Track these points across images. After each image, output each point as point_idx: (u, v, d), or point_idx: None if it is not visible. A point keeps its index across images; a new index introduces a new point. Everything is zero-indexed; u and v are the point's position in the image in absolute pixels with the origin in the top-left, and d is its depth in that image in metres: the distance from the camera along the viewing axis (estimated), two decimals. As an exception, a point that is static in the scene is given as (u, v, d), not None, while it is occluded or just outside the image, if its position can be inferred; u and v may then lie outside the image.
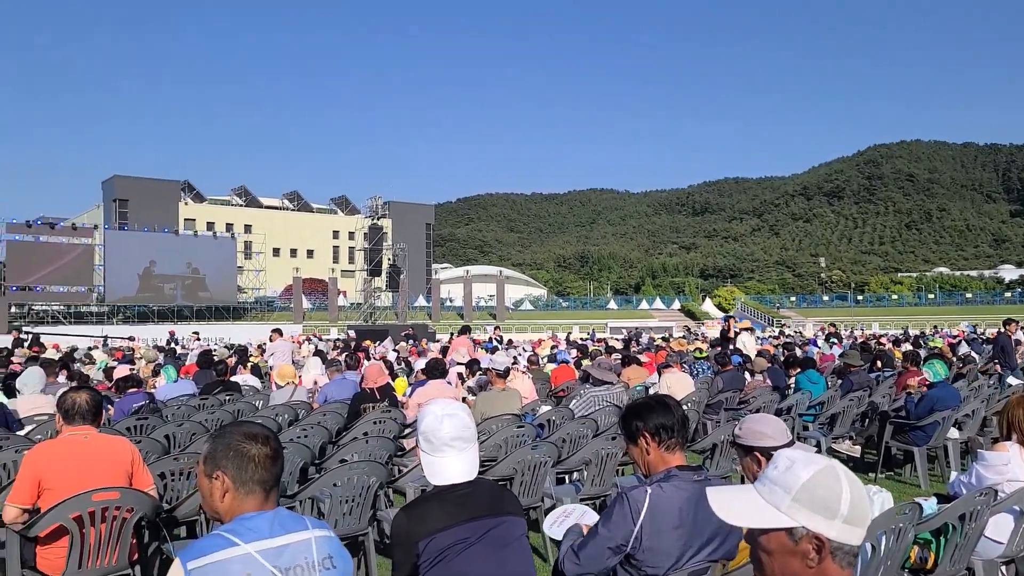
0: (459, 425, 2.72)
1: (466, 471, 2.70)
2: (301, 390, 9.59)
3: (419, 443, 2.76)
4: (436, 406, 2.79)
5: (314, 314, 57.82)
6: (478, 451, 2.80)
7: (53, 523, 3.94)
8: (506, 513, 2.72)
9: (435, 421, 2.72)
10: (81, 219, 62.94)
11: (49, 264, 46.81)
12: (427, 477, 2.71)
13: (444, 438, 2.69)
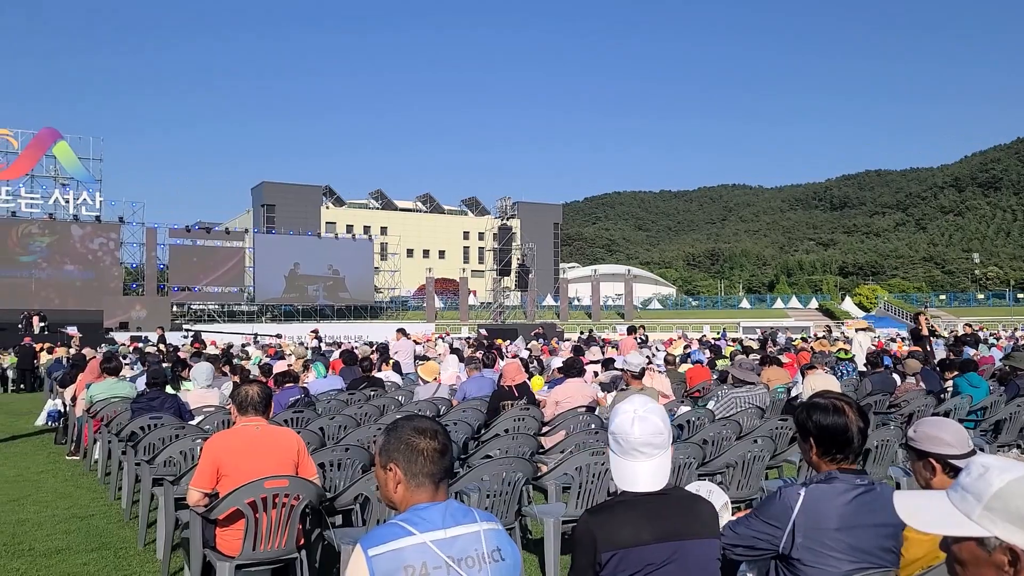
0: (651, 429, 2.54)
1: (655, 480, 2.52)
2: (443, 387, 9.87)
3: (609, 442, 2.62)
4: (630, 404, 2.61)
5: (446, 313, 59.23)
6: (670, 458, 2.59)
7: (231, 507, 4.25)
8: (703, 535, 2.53)
9: (627, 422, 2.56)
10: (233, 224, 67.12)
11: (205, 266, 50.22)
12: (614, 479, 2.58)
13: (634, 442, 2.53)
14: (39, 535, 6.44)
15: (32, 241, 44.51)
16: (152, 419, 7.42)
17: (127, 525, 6.76)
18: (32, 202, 45.05)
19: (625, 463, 2.55)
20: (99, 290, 44.79)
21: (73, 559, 5.78)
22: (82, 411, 9.80)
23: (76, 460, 9.92)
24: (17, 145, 44.28)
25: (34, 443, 11.63)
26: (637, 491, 2.51)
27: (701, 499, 2.63)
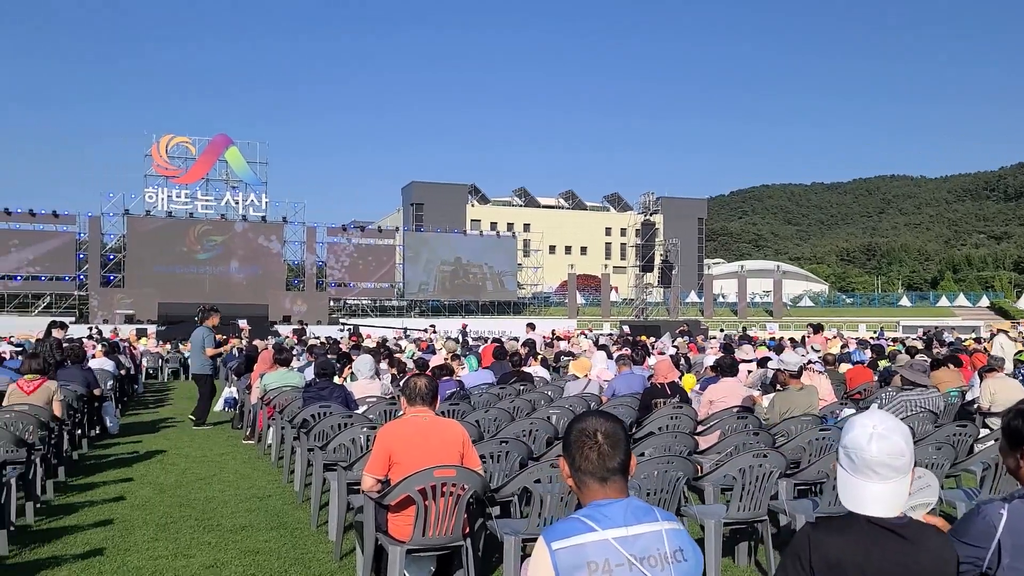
0: (891, 449, 2.32)
1: (888, 506, 2.31)
2: (593, 383, 9.90)
3: (839, 455, 2.43)
4: (869, 419, 2.39)
5: (587, 309, 59.21)
6: (909, 484, 2.36)
7: (403, 494, 4.46)
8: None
9: (863, 437, 2.35)
10: (385, 222, 70.05)
11: (359, 263, 52.67)
12: (840, 495, 2.40)
13: (869, 460, 2.31)
14: (225, 512, 6.99)
15: (207, 240, 48.23)
16: (322, 407, 7.87)
17: (300, 507, 7.22)
18: (206, 204, 48.78)
19: (855, 482, 2.35)
20: (264, 285, 47.92)
21: (256, 536, 6.24)
22: (256, 399, 10.54)
23: (251, 444, 10.68)
24: (195, 151, 48.07)
25: (214, 427, 12.61)
26: (866, 514, 2.31)
27: (940, 538, 2.38)
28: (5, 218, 45.71)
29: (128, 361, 16.88)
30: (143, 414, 14.24)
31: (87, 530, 6.33)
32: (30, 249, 45.81)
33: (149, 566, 5.44)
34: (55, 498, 7.44)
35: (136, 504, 7.25)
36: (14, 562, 5.53)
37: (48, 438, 7.45)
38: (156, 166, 47.48)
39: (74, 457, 9.16)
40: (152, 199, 47.37)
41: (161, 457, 9.72)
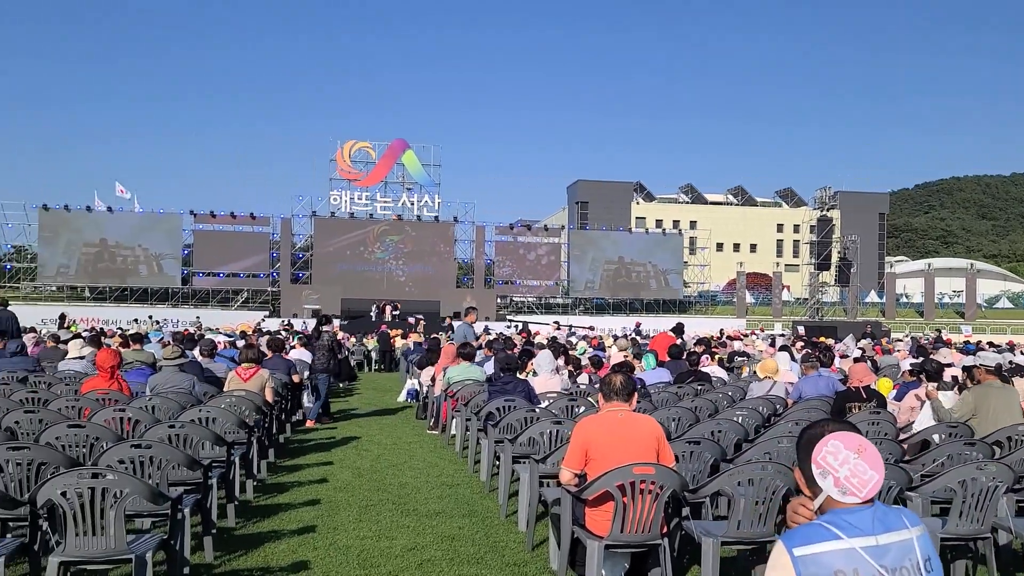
0: None
1: None
2: (779, 385, 9.54)
3: None
4: None
5: (757, 309, 57.04)
6: None
7: (601, 489, 4.50)
8: None
9: None
10: (551, 220, 70.83)
11: (525, 261, 53.60)
12: None
13: None
14: (419, 498, 7.33)
15: (385, 239, 50.86)
16: (506, 401, 8.08)
17: (488, 496, 7.45)
18: (384, 205, 51.41)
19: None
20: (437, 283, 49.82)
21: (450, 522, 6.50)
22: (440, 391, 10.97)
23: (435, 434, 11.12)
24: (374, 156, 50.83)
25: (399, 416, 13.25)
26: None
27: None
28: (211, 220, 50.34)
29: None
30: (335, 403, 15.16)
31: (298, 508, 6.84)
32: (231, 249, 50.20)
33: (356, 545, 5.80)
34: (268, 477, 8.09)
35: (338, 486, 7.75)
36: (241, 533, 6.08)
37: (262, 422, 8.11)
38: (340, 170, 50.58)
39: (281, 440, 9.91)
40: (336, 201, 50.54)
41: (356, 443, 10.33)
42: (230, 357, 10.82)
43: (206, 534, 5.44)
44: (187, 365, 9.13)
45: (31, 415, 6.41)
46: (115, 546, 4.11)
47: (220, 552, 5.49)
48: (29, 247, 51.02)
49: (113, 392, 7.46)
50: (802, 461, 2.38)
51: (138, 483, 4.26)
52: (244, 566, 5.34)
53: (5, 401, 7.34)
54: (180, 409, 7.08)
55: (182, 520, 4.76)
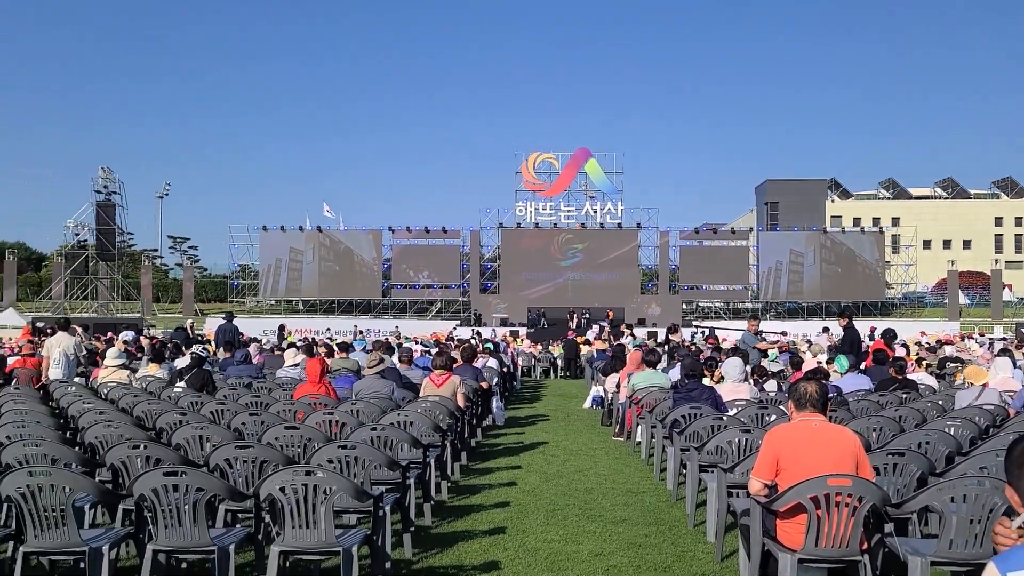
0: None
1: None
2: (990, 392, 8.70)
3: None
4: None
5: (972, 310, 52.13)
6: None
7: (792, 500, 4.33)
8: None
9: None
10: (738, 223, 68.59)
11: (711, 265, 52.25)
12: None
13: None
14: (604, 504, 7.38)
15: (569, 248, 51.52)
16: (692, 408, 7.95)
17: (675, 505, 7.36)
18: (568, 214, 52.11)
19: None
20: (621, 290, 49.71)
21: (635, 530, 6.50)
22: (625, 397, 10.97)
23: (620, 441, 11.12)
24: (558, 166, 51.73)
25: (584, 422, 13.36)
26: None
27: None
28: (407, 235, 53.41)
29: (508, 360, 18.58)
30: (523, 408, 15.56)
31: (489, 510, 7.10)
32: (426, 261, 52.98)
33: (544, 548, 5.94)
34: (461, 479, 8.46)
35: (526, 490, 7.96)
36: (437, 532, 6.41)
37: (455, 426, 8.50)
38: (525, 182, 51.89)
39: (472, 444, 10.31)
40: (522, 212, 51.87)
41: (543, 448, 10.55)
42: (424, 366, 11.41)
43: (405, 531, 5.79)
44: (387, 372, 9.75)
45: (255, 417, 7.10)
46: (325, 539, 4.48)
47: (418, 549, 5.82)
48: (252, 265, 56.47)
49: (322, 397, 8.12)
50: (1015, 478, 2.21)
51: (345, 481, 4.63)
52: (440, 563, 5.63)
53: (234, 404, 8.19)
54: (381, 413, 7.57)
55: (383, 517, 5.10)
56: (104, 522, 5.74)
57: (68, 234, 54.31)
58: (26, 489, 4.25)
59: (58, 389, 10.20)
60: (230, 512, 5.37)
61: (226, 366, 13.27)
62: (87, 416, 7.15)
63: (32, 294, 60.25)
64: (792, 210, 62.80)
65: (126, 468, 5.31)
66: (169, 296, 67.53)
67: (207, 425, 6.62)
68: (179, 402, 8.58)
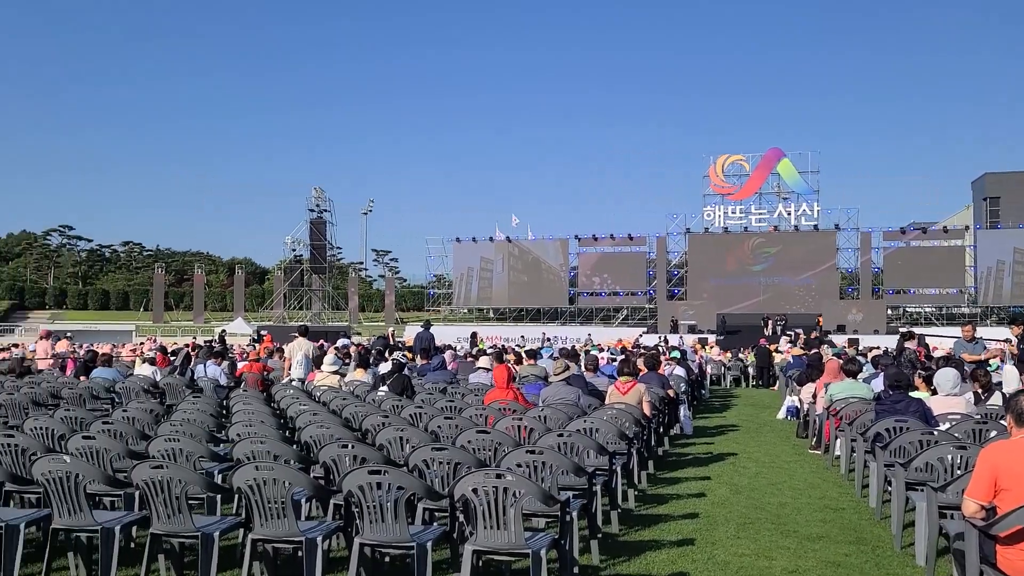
0: None
1: None
2: None
3: None
4: None
5: None
6: None
7: (1015, 525, 3.96)
8: None
9: None
10: (951, 221, 62.90)
11: (920, 267, 48.28)
12: None
13: None
14: (799, 520, 7.07)
15: (760, 252, 49.64)
16: (897, 422, 7.43)
17: (879, 524, 6.91)
18: (759, 217, 50.27)
19: None
20: (818, 294, 47.18)
21: (834, 548, 6.17)
22: (823, 409, 10.42)
23: (818, 454, 10.57)
24: (748, 168, 50.05)
25: (778, 434, 12.82)
26: None
27: None
28: (593, 243, 53.80)
29: (696, 368, 18.20)
30: (712, 418, 15.18)
31: (677, 520, 7.02)
32: (612, 269, 53.07)
33: (735, 563, 5.79)
34: (648, 488, 8.42)
35: (716, 501, 7.78)
36: (624, 540, 6.43)
37: (641, 434, 8.47)
38: (713, 185, 50.66)
39: (659, 453, 10.22)
40: (710, 216, 50.69)
41: (732, 459, 10.25)
42: (610, 374, 11.45)
43: (592, 538, 5.86)
44: (573, 379, 9.89)
45: (449, 421, 7.47)
46: (515, 540, 4.64)
47: (605, 556, 5.87)
48: (446, 275, 59.16)
49: (511, 402, 8.39)
50: None
51: (533, 485, 4.78)
52: (627, 572, 5.65)
53: (430, 408, 8.65)
54: (567, 419, 7.70)
55: (571, 523, 5.21)
56: (317, 515, 6.26)
57: (286, 250, 59.62)
58: (253, 482, 4.75)
59: (278, 391, 11.24)
60: (428, 511, 5.68)
61: (424, 372, 14.02)
62: (303, 417, 7.83)
63: (256, 305, 66.57)
64: (1016, 205, 56.75)
65: (336, 466, 5.77)
66: (373, 305, 72.18)
67: (407, 427, 7.05)
68: (382, 405, 9.17)
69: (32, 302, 73.47)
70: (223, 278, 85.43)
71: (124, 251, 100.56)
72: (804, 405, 12.49)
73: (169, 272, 75.41)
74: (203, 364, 13.99)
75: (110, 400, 11.56)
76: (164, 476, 4.81)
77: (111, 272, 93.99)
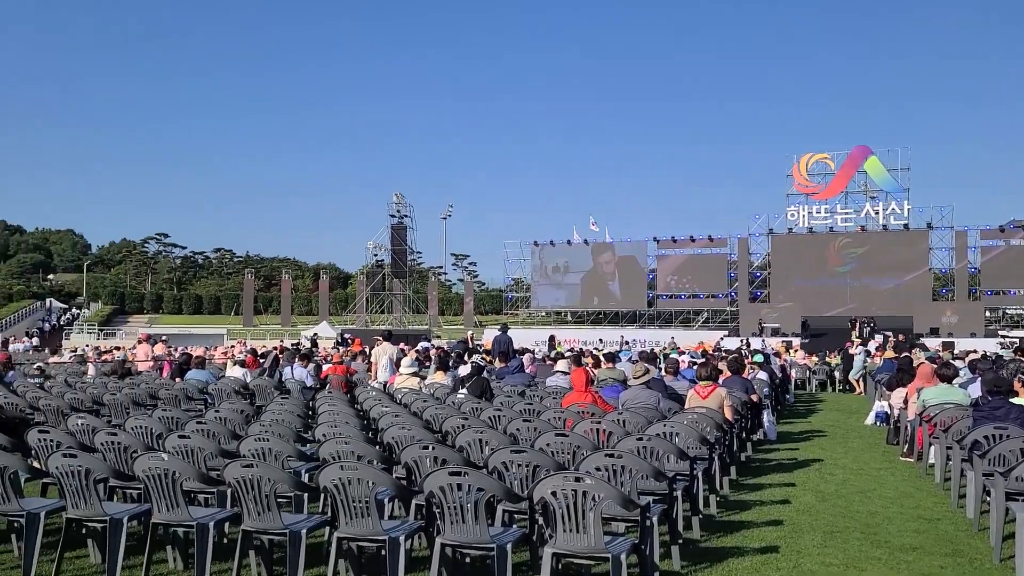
0: None
1: None
2: None
3: None
4: None
5: None
6: None
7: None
8: None
9: None
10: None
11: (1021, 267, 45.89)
12: None
13: None
14: (891, 529, 6.83)
15: (847, 252, 48.11)
16: (997, 429, 7.11)
17: (976, 536, 6.62)
18: (846, 216, 48.73)
19: None
20: (909, 296, 45.40)
21: (929, 560, 5.94)
22: (915, 415, 10.03)
23: (910, 462, 10.18)
24: (833, 166, 48.60)
25: (866, 440, 12.41)
26: None
27: None
28: (671, 245, 53.19)
29: (779, 371, 17.77)
30: (796, 423, 14.80)
31: (761, 527, 6.88)
32: (691, 271, 52.35)
33: (822, 572, 5.64)
34: (731, 494, 8.27)
35: (801, 509, 7.59)
36: (705, 546, 6.34)
37: (723, 439, 8.34)
38: (797, 185, 49.40)
39: (742, 459, 10.03)
40: (794, 217, 49.42)
41: (818, 466, 9.98)
42: (690, 378, 11.30)
43: (673, 543, 5.80)
44: (652, 382, 9.80)
45: (528, 423, 7.51)
46: (595, 544, 4.64)
47: (686, 562, 5.80)
48: (524, 278, 59.42)
49: (590, 406, 8.38)
50: None
51: (612, 489, 4.77)
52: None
53: (509, 411, 8.71)
54: (647, 423, 7.65)
55: (651, 527, 5.17)
56: (400, 515, 6.39)
57: (368, 255, 60.94)
58: (339, 481, 4.89)
59: (361, 393, 11.51)
60: (507, 513, 5.73)
61: (502, 375, 14.13)
62: (385, 418, 8.01)
63: (340, 308, 68.23)
64: None
65: (417, 467, 5.88)
66: (452, 309, 73.05)
67: (486, 430, 7.13)
68: (461, 408, 9.29)
69: (132, 307, 77.07)
70: (308, 283, 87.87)
71: (216, 257, 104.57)
72: (894, 411, 12.05)
73: (258, 277, 77.97)
74: (290, 366, 14.44)
75: (203, 401, 12.06)
76: (254, 475, 5.00)
77: (204, 278, 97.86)
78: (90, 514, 5.34)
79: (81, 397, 11.37)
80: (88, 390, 12.27)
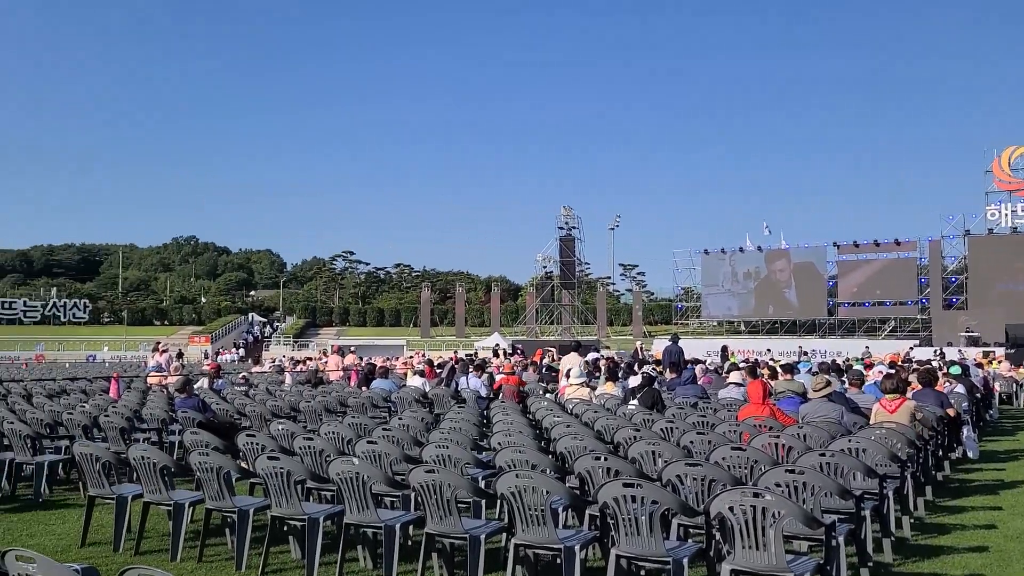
0: None
1: None
2: None
3: None
4: None
5: None
6: None
7: None
8: None
9: None
10: None
11: None
12: None
13: None
14: (1120, 563, 6.11)
15: (1059, 253, 43.45)
16: None
17: None
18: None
19: None
20: None
21: None
22: None
23: None
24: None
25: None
26: None
27: None
28: (854, 250, 50.22)
29: (980, 384, 16.30)
30: (1002, 441, 13.52)
31: (961, 553, 6.36)
32: (876, 277, 49.10)
33: (1035, 604, 5.15)
34: (926, 515, 7.70)
35: (1009, 535, 6.94)
36: (898, 570, 5.95)
37: (915, 456, 7.79)
38: (997, 181, 45.23)
39: (939, 478, 9.31)
40: (995, 216, 45.29)
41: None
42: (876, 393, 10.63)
43: (862, 566, 5.51)
44: (834, 395, 9.32)
45: (702, 436, 7.38)
46: (776, 563, 4.49)
47: (877, 586, 5.48)
48: (694, 287, 58.18)
49: (768, 419, 8.10)
50: None
51: (793, 506, 4.60)
52: (903, 604, 5.24)
53: (681, 423, 8.59)
54: (829, 438, 7.29)
55: (837, 548, 4.94)
56: (573, 524, 6.47)
57: (538, 267, 61.93)
58: (515, 488, 5.04)
59: (533, 403, 11.74)
60: (682, 527, 5.66)
61: (673, 386, 13.91)
62: (557, 428, 8.13)
63: (511, 320, 69.72)
64: None
65: (591, 477, 5.94)
66: (621, 319, 72.68)
67: (659, 442, 7.08)
68: (632, 419, 9.26)
69: (321, 320, 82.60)
70: (481, 295, 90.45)
71: (396, 272, 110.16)
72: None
73: (434, 290, 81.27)
74: (465, 376, 14.95)
75: (387, 408, 12.75)
76: (436, 480, 5.25)
77: (385, 292, 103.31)
78: (291, 512, 5.82)
79: (280, 404, 12.36)
80: (286, 397, 13.32)
